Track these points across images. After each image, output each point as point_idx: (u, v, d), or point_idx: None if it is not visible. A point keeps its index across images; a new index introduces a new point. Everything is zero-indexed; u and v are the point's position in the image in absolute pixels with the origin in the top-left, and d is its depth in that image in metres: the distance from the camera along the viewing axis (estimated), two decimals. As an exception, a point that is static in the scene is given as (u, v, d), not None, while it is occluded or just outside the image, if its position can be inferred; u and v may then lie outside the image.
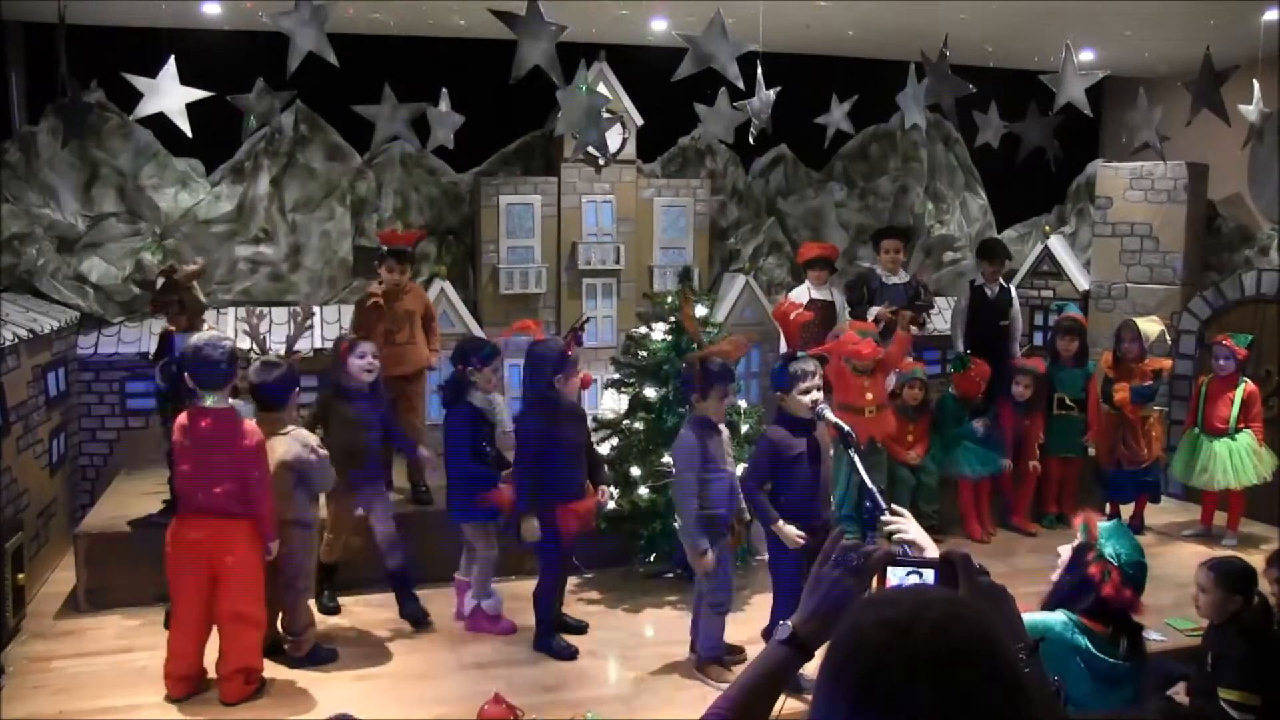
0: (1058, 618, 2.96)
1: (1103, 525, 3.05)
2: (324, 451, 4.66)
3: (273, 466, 4.52)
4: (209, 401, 4.33)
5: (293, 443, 4.57)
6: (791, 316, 4.73)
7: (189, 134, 4.96)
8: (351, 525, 5.18)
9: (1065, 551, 3.10)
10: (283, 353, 4.99)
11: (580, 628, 5.09)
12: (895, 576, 1.63)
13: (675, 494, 4.65)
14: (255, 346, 5.23)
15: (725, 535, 4.61)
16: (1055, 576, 3.11)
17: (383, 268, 5.82)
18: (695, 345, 4.87)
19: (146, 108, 4.89)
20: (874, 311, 6.82)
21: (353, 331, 5.63)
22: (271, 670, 4.62)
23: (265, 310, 6.07)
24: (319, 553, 5.02)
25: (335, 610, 5.27)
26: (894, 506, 2.15)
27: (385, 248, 5.88)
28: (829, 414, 3.65)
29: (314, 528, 4.76)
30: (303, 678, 4.57)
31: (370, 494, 5.13)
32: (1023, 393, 6.58)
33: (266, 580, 4.70)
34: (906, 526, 2.03)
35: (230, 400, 5.19)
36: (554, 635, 4.87)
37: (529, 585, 4.99)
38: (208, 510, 4.28)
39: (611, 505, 5.39)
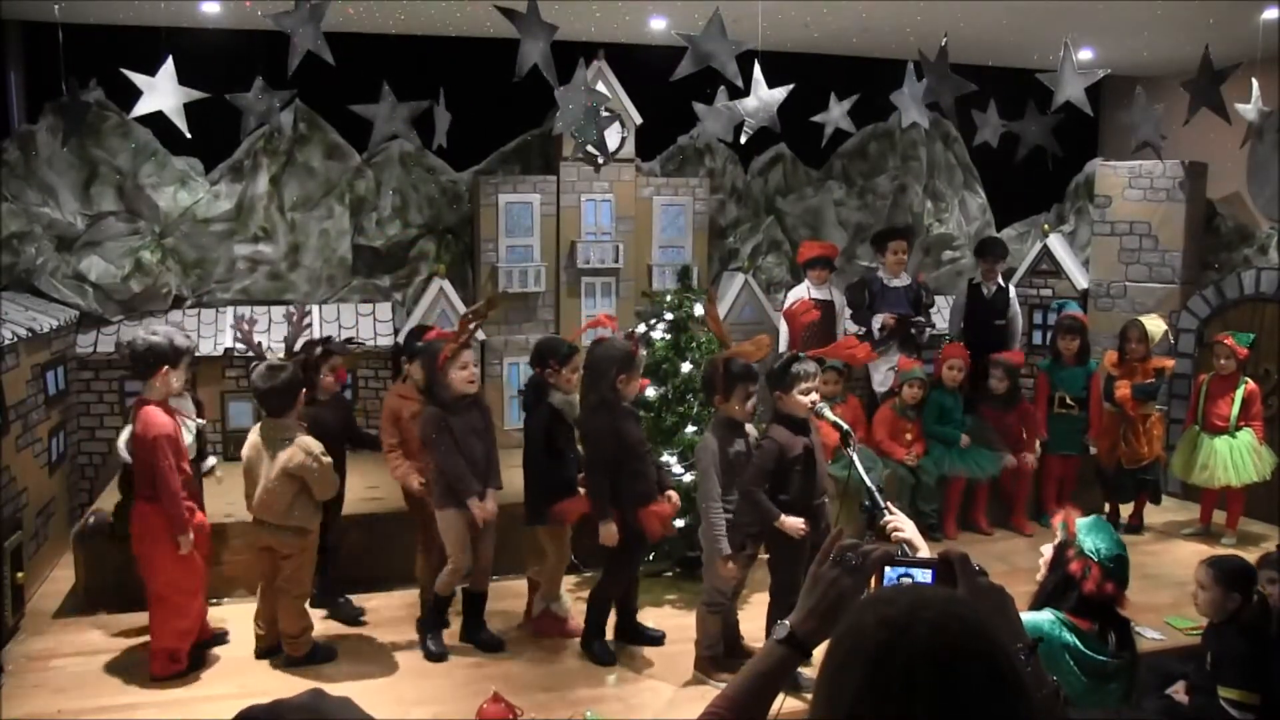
0: (1045, 617, 2.94)
1: (1080, 521, 3.02)
2: (327, 459, 4.58)
3: (274, 473, 4.52)
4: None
5: (295, 450, 4.52)
6: (801, 317, 4.70)
7: (187, 133, 4.96)
8: (467, 546, 4.79)
9: (1048, 550, 3.09)
10: (282, 355, 4.96)
11: (657, 638, 4.96)
12: (893, 576, 1.63)
13: (698, 497, 4.58)
14: (251, 351, 5.20)
15: (746, 544, 4.53)
16: (1040, 576, 3.10)
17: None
18: (721, 345, 4.75)
19: (145, 106, 4.88)
20: (878, 319, 6.81)
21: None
22: (271, 670, 4.64)
23: (256, 317, 6.02)
24: (436, 585, 4.81)
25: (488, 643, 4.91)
26: (889, 505, 2.14)
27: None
28: (828, 412, 3.64)
29: (313, 535, 4.69)
30: (302, 677, 4.57)
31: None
32: (997, 385, 6.58)
33: (267, 582, 4.71)
34: (904, 525, 2.03)
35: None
36: (600, 638, 4.82)
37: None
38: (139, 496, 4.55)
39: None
